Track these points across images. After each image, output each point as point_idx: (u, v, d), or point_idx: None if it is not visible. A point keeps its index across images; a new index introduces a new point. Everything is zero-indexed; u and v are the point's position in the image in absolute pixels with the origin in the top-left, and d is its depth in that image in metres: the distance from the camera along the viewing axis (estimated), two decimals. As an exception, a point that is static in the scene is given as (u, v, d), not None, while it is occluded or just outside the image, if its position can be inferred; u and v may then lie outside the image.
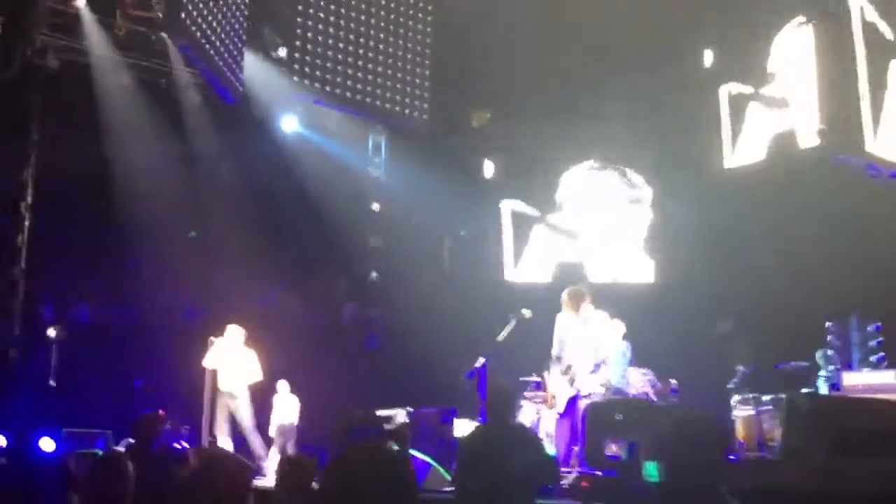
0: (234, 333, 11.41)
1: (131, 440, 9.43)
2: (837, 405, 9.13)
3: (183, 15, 11.33)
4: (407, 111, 14.68)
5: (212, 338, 11.31)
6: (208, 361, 11.23)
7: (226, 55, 12.32)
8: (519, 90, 14.86)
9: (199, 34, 11.63)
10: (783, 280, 12.40)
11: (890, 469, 6.69)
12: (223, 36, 12.20)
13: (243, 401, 11.24)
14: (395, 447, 6.14)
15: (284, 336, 12.67)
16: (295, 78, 13.73)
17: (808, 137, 12.34)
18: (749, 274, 12.85)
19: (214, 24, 11.98)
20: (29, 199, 12.27)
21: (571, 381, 9.32)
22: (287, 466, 4.96)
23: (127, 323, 13.66)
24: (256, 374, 11.40)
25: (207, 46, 11.86)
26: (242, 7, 12.86)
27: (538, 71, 14.45)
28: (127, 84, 12.57)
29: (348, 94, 14.16)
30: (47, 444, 10.39)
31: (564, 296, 9.57)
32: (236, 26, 12.65)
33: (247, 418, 11.23)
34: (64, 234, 12.55)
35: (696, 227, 14.00)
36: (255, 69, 13.42)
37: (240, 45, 12.80)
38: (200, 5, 11.63)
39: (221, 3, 12.16)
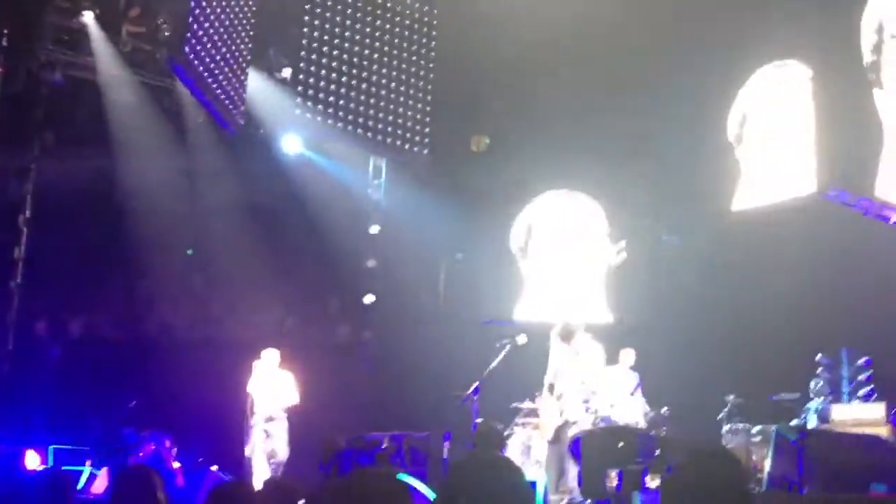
0: (271, 356, 11.34)
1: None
2: (825, 438, 9.20)
3: (187, 49, 11.43)
4: (408, 146, 14.84)
5: (255, 362, 11.23)
6: (252, 387, 11.11)
7: (228, 88, 12.45)
8: (521, 119, 14.97)
9: (202, 68, 11.74)
10: (776, 314, 12.50)
11: (872, 502, 6.76)
12: (226, 69, 12.33)
13: (281, 424, 11.20)
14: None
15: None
16: (298, 99, 13.86)
17: (799, 180, 12.53)
18: (742, 309, 12.96)
19: (218, 57, 12.10)
20: (28, 213, 12.33)
21: (561, 410, 9.42)
22: (273, 490, 4.99)
23: (121, 339, 13.67)
24: (293, 396, 11.33)
25: (210, 80, 11.97)
26: (248, 29, 12.99)
27: (541, 100, 14.55)
28: (131, 100, 12.66)
29: (350, 117, 14.30)
30: (32, 460, 10.40)
31: (556, 330, 9.72)
32: (239, 58, 12.78)
33: (282, 444, 11.15)
34: (61, 248, 12.59)
35: (691, 265, 14.10)
36: (258, 88, 13.55)
37: (243, 78, 12.95)
38: (205, 39, 11.73)
39: (225, 34, 12.26)
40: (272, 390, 11.20)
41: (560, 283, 15.55)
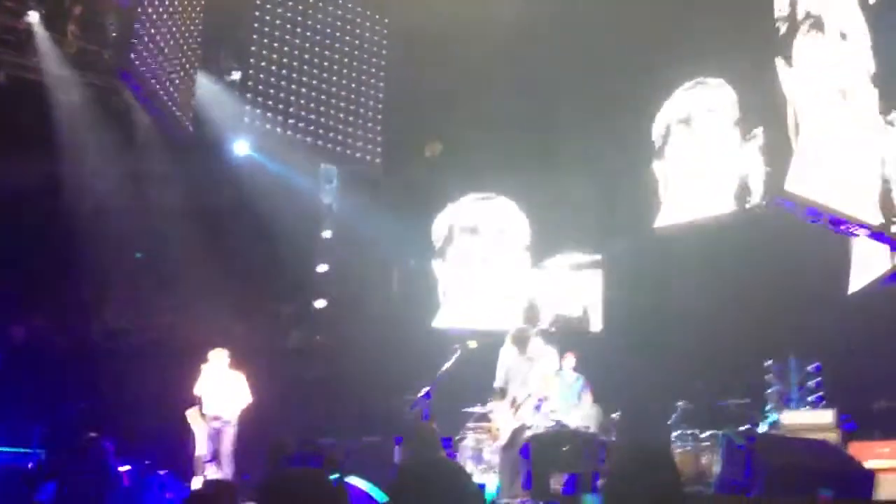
0: (219, 357, 11.25)
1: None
2: (773, 442, 9.26)
3: (133, 56, 11.25)
4: (359, 154, 14.82)
5: (202, 365, 11.17)
6: (198, 388, 11.05)
7: (176, 94, 12.30)
8: (471, 127, 14.97)
9: (148, 74, 11.57)
10: (725, 322, 12.60)
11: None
12: (173, 75, 12.19)
13: (231, 426, 11.10)
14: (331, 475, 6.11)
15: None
16: (247, 105, 13.73)
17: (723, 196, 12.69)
18: (689, 318, 13.06)
19: (165, 63, 11.95)
20: (-30, 216, 12.05)
21: (516, 414, 9.41)
22: (214, 491, 4.91)
23: (67, 343, 13.40)
24: (246, 397, 11.27)
25: (157, 86, 11.81)
26: (196, 33, 12.82)
27: (492, 107, 14.59)
28: (77, 101, 12.43)
29: (300, 124, 14.23)
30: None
31: (509, 336, 9.73)
32: (186, 64, 12.63)
33: (229, 446, 11.05)
34: (5, 251, 12.32)
35: (639, 272, 14.20)
36: (208, 91, 13.39)
37: (191, 83, 12.80)
38: (150, 45, 11.57)
39: (171, 39, 12.09)
40: (221, 391, 11.12)
41: (478, 290, 15.62)
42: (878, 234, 10.24)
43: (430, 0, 13.25)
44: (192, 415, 11.04)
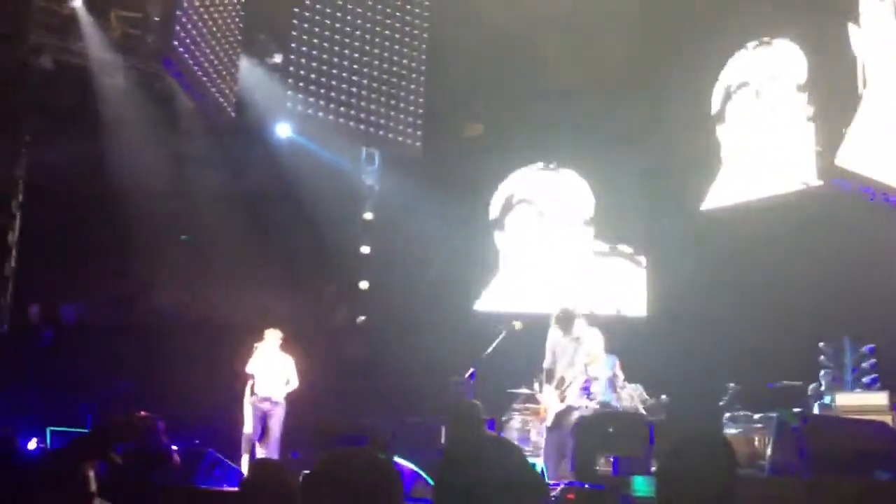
0: (274, 337, 11.21)
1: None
2: (827, 424, 9.07)
3: (175, 43, 11.27)
4: (400, 138, 14.74)
5: (256, 344, 11.14)
6: (251, 367, 11.06)
7: (219, 81, 12.34)
8: (514, 108, 14.82)
9: (191, 61, 11.61)
10: (778, 303, 12.34)
11: (875, 487, 6.64)
12: (216, 61, 12.22)
13: (281, 408, 11.07)
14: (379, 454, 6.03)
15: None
16: (288, 89, 13.70)
17: (792, 171, 12.32)
18: (744, 297, 12.80)
19: (207, 50, 11.96)
20: (20, 198, 12.23)
21: (563, 396, 9.27)
22: (262, 471, 4.87)
23: (114, 322, 13.55)
24: (294, 380, 11.20)
25: (200, 73, 11.83)
26: (237, 17, 12.81)
27: (535, 89, 14.42)
28: (121, 85, 12.51)
29: (342, 109, 14.17)
30: (32, 444, 10.40)
31: (553, 317, 9.56)
32: (229, 50, 12.63)
33: (277, 428, 11.00)
34: (54, 232, 12.48)
35: (690, 253, 13.92)
36: (249, 75, 13.40)
37: (233, 70, 12.82)
38: (193, 31, 11.59)
39: (213, 26, 12.09)
40: (272, 372, 11.10)
41: (536, 266, 15.37)
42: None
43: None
44: (245, 393, 11.06)
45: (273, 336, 11.22)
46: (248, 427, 10.95)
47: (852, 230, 11.78)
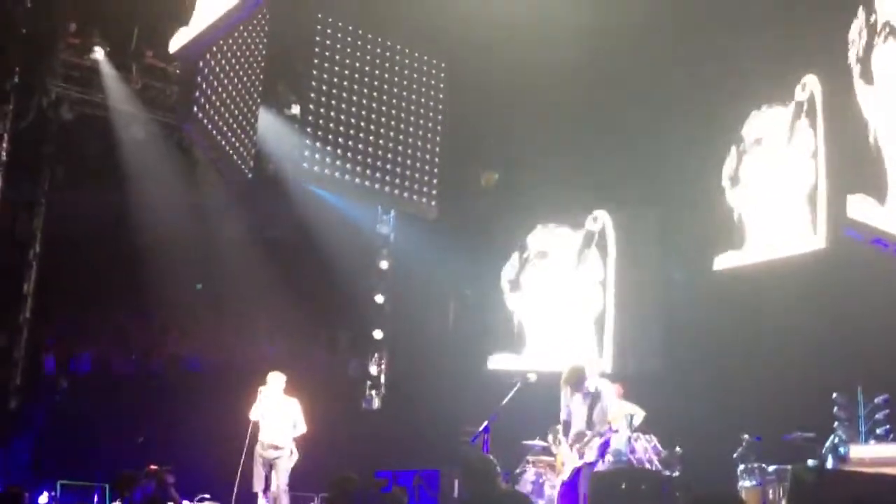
0: (276, 380, 10.85)
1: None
2: (842, 478, 9.01)
3: (195, 109, 11.30)
4: (416, 197, 14.75)
5: (260, 388, 10.80)
6: (255, 413, 10.70)
7: (237, 144, 12.41)
8: (528, 160, 14.91)
9: (210, 126, 11.65)
10: (791, 353, 12.33)
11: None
12: (234, 125, 12.28)
13: (287, 454, 10.70)
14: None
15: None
16: (306, 141, 13.82)
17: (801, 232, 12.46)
18: (757, 348, 12.78)
19: (227, 115, 12.02)
20: (37, 248, 12.35)
21: (581, 451, 9.22)
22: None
23: (130, 372, 13.61)
24: (301, 425, 10.84)
25: (219, 138, 11.91)
26: (258, 71, 12.96)
27: (548, 143, 14.50)
28: (141, 136, 12.69)
29: (358, 168, 14.23)
30: (43, 499, 10.39)
31: (564, 375, 9.55)
32: (247, 111, 12.73)
33: (284, 477, 10.64)
34: (71, 282, 12.58)
35: (701, 304, 13.94)
36: (268, 124, 13.56)
37: (252, 131, 12.91)
38: (213, 97, 11.63)
39: (232, 87, 12.19)
40: (278, 416, 10.74)
41: (551, 326, 15.17)
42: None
43: (485, 41, 13.14)
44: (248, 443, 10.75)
45: (276, 379, 10.86)
46: (258, 485, 10.60)
47: (864, 281, 11.81)
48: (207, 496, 11.27)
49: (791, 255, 12.77)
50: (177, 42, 10.84)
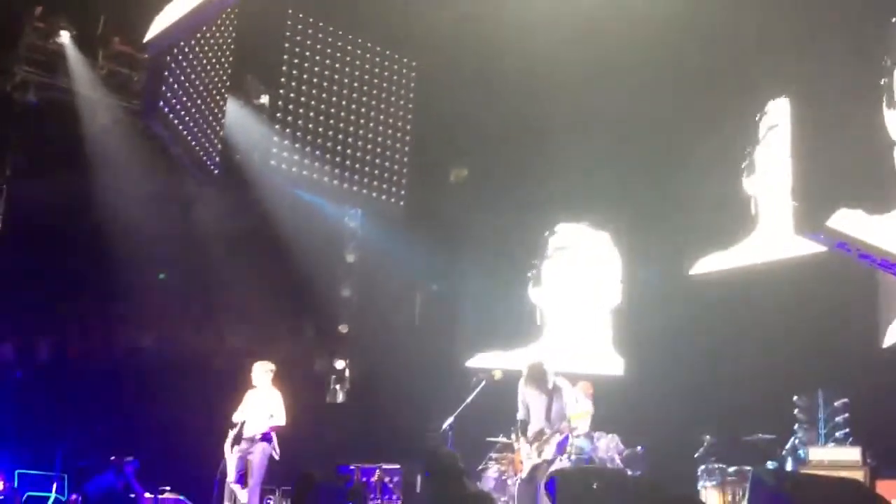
0: (262, 370, 10.73)
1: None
2: (803, 482, 9.11)
3: (161, 103, 11.08)
4: (384, 196, 14.67)
5: (249, 392, 10.72)
6: (238, 416, 10.59)
7: (202, 139, 12.19)
8: (498, 156, 14.94)
9: (176, 121, 11.44)
10: (754, 356, 12.49)
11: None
12: (201, 120, 12.07)
13: (260, 447, 10.50)
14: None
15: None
16: (274, 133, 13.69)
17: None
18: (721, 349, 12.92)
19: (193, 110, 11.80)
20: (-2, 234, 12.12)
21: (540, 449, 9.27)
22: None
23: (89, 361, 13.41)
24: (278, 416, 10.69)
25: (185, 133, 11.70)
26: (226, 66, 12.79)
27: (519, 141, 14.57)
28: (107, 122, 12.49)
29: (326, 167, 14.10)
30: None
31: (525, 372, 9.59)
32: (215, 106, 12.52)
33: (258, 470, 10.43)
34: (32, 269, 12.36)
35: (671, 306, 14.06)
36: (235, 114, 13.42)
37: (219, 129, 12.70)
38: (180, 92, 11.43)
39: (200, 84, 11.99)
40: (260, 410, 10.63)
41: (570, 324, 15.24)
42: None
43: (455, 38, 13.07)
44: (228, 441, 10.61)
45: (262, 369, 10.75)
46: (232, 476, 10.48)
47: (828, 286, 11.97)
48: (168, 487, 11.19)
49: (759, 263, 12.97)
50: (151, 31, 10.65)
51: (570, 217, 15.41)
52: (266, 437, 10.56)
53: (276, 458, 10.60)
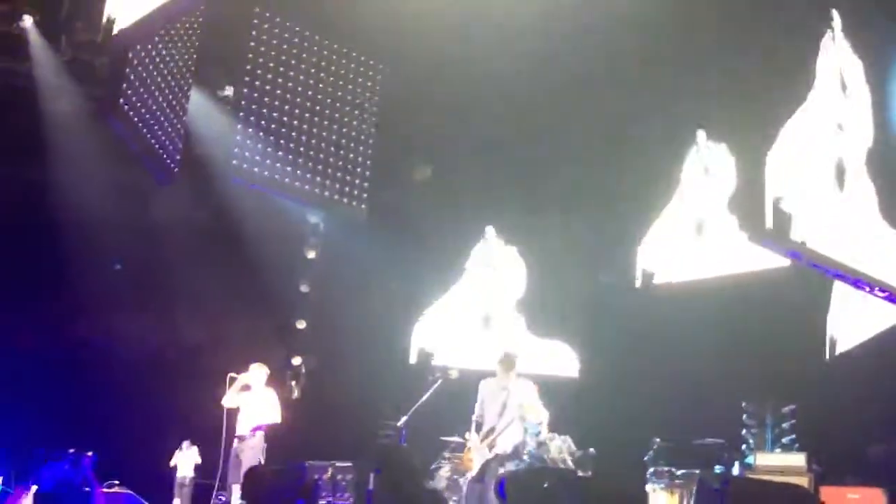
0: (259, 373, 10.73)
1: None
2: (747, 487, 9.28)
3: (122, 101, 10.84)
4: (346, 200, 14.62)
5: (231, 374, 10.56)
6: (228, 401, 10.46)
7: (165, 140, 12.01)
8: (459, 159, 15.04)
9: (137, 120, 11.20)
10: (704, 362, 12.69)
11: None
12: (163, 120, 11.89)
13: (250, 443, 10.43)
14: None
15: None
16: (237, 127, 13.62)
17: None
18: (671, 355, 13.12)
19: (155, 108, 11.62)
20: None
21: (492, 444, 9.35)
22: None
23: (38, 352, 13.22)
24: (274, 416, 10.68)
25: (146, 132, 11.52)
26: (189, 62, 12.67)
27: (479, 144, 14.66)
28: (68, 109, 12.34)
29: (288, 167, 14.00)
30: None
31: (500, 357, 9.64)
32: (177, 106, 12.35)
33: (247, 464, 10.25)
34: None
35: (622, 308, 14.26)
36: (198, 106, 13.32)
37: (180, 128, 12.53)
38: (142, 90, 11.21)
39: (162, 82, 11.82)
40: (254, 408, 10.59)
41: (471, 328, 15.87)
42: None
43: (421, 40, 13.09)
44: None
45: (259, 371, 10.76)
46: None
47: (777, 295, 12.20)
48: (117, 482, 11.12)
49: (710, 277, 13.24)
50: (117, 25, 10.49)
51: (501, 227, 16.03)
52: (258, 434, 10.57)
53: (262, 459, 10.55)
